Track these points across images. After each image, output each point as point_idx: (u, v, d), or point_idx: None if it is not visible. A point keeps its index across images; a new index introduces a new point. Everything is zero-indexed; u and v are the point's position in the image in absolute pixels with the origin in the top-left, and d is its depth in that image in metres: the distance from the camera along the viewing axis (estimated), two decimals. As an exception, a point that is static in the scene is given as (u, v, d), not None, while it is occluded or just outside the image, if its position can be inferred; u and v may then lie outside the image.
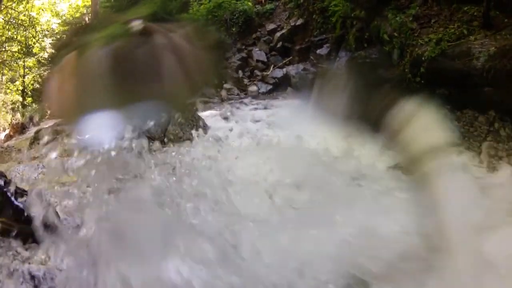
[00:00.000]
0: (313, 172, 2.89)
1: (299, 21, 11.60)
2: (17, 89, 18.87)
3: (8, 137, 11.84)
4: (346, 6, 7.69)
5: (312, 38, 10.58)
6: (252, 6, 13.48)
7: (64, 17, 20.02)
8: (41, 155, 3.72)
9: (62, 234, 1.93)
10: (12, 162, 3.74)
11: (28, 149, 4.28)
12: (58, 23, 19.32)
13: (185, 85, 2.35)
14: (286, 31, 11.93)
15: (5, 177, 1.99)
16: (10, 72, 18.31)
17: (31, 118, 14.13)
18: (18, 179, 2.83)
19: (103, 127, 2.74)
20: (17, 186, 2.01)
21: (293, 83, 9.61)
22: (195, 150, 3.32)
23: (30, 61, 18.13)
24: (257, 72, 11.18)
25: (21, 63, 18.16)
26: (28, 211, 1.86)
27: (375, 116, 3.49)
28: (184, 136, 3.96)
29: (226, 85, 10.23)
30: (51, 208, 1.97)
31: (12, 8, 16.43)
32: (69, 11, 20.84)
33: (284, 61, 11.21)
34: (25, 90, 18.61)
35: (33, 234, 1.83)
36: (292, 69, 10.24)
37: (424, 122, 2.93)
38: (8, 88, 18.62)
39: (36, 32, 17.65)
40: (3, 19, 16.34)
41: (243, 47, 12.40)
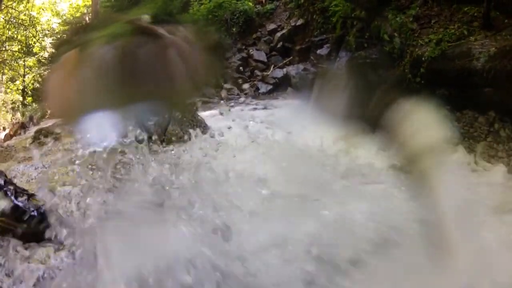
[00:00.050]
0: (307, 169, 2.94)
1: (300, 21, 11.61)
2: (17, 89, 18.90)
3: (8, 137, 11.83)
4: (347, 7, 7.70)
5: (313, 38, 10.58)
6: (253, 6, 13.48)
7: (65, 17, 20.05)
8: (41, 155, 3.73)
9: (62, 234, 1.93)
10: (12, 162, 3.74)
11: (31, 149, 4.29)
12: (59, 23, 19.35)
13: (186, 85, 2.35)
14: (287, 31, 11.93)
15: (5, 177, 2.00)
16: (11, 72, 18.33)
17: (31, 118, 14.14)
18: (18, 179, 2.83)
19: (103, 127, 2.74)
20: (17, 186, 2.01)
21: (293, 83, 9.62)
22: (195, 149, 3.41)
23: (31, 61, 18.15)
24: (257, 72, 11.19)
25: (22, 63, 18.18)
26: (28, 211, 1.86)
27: (375, 116, 3.49)
28: (184, 136, 3.97)
29: (226, 85, 10.24)
30: (52, 208, 1.98)
31: (13, 8, 16.45)
32: (70, 11, 20.88)
33: (284, 61, 11.22)
34: (25, 90, 18.64)
35: (33, 234, 1.83)
36: (292, 69, 10.25)
37: (424, 122, 2.93)
38: (9, 88, 18.65)
39: (37, 32, 17.67)
40: (4, 19, 16.36)
41: (243, 47, 12.40)
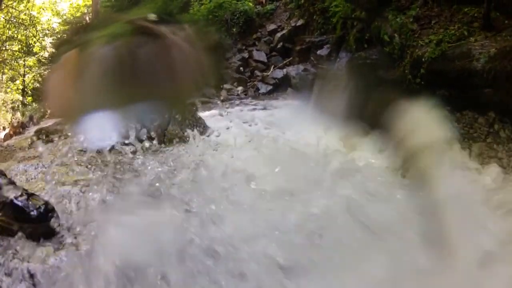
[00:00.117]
0: (301, 167, 2.95)
1: (300, 22, 11.62)
2: (18, 88, 18.91)
3: (8, 136, 11.84)
4: (347, 7, 7.71)
5: (313, 39, 10.59)
6: (253, 7, 13.49)
7: (65, 17, 20.07)
8: (41, 155, 3.73)
9: (62, 233, 1.94)
10: (12, 161, 3.74)
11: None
12: (59, 22, 19.36)
13: (186, 85, 2.36)
14: (287, 32, 11.93)
15: (5, 176, 2.00)
16: (11, 71, 18.34)
17: (31, 117, 14.16)
18: (18, 178, 2.83)
19: (104, 127, 2.74)
20: (17, 185, 2.01)
21: (293, 84, 9.61)
22: (194, 149, 3.45)
23: (31, 60, 18.16)
24: (258, 73, 11.19)
25: (22, 62, 18.19)
26: (28, 210, 1.86)
27: (375, 117, 3.50)
28: (184, 136, 3.96)
29: (226, 86, 10.24)
30: (51, 207, 1.98)
31: (13, 7, 16.45)
32: (70, 11, 20.89)
33: (285, 62, 11.22)
34: (26, 89, 18.65)
35: (33, 233, 1.83)
36: (292, 70, 10.24)
37: (424, 123, 2.94)
38: (9, 87, 18.66)
39: (37, 31, 17.67)
40: (4, 18, 16.36)
41: (244, 48, 12.40)
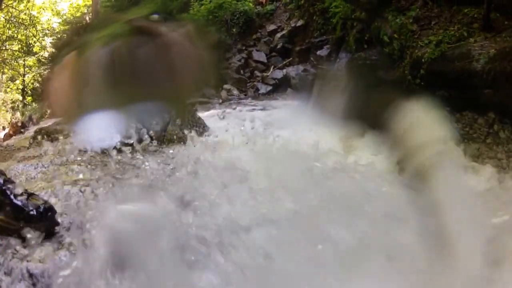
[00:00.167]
0: (299, 166, 2.96)
1: (300, 22, 11.62)
2: (17, 88, 18.89)
3: (8, 136, 11.84)
4: (347, 8, 7.71)
5: (313, 39, 10.60)
6: (253, 7, 13.49)
7: (65, 16, 20.05)
8: (41, 154, 3.73)
9: (61, 233, 1.94)
10: (12, 161, 3.74)
11: (29, 148, 4.30)
12: (59, 22, 19.34)
13: (185, 86, 2.36)
14: (287, 32, 11.94)
15: (5, 176, 1.99)
16: (11, 71, 18.32)
17: (31, 117, 14.15)
18: (18, 178, 2.83)
19: (103, 127, 2.75)
20: (17, 185, 2.01)
21: (293, 84, 9.62)
22: (193, 149, 3.46)
23: (31, 60, 18.13)
24: (257, 73, 11.18)
25: (22, 62, 18.16)
26: (28, 210, 1.86)
27: (374, 117, 3.50)
28: (183, 136, 3.96)
29: (226, 86, 10.23)
30: (51, 207, 1.98)
31: (13, 7, 16.44)
32: (70, 10, 20.87)
33: (284, 62, 11.22)
34: (25, 89, 18.62)
35: (32, 233, 1.83)
36: (292, 70, 10.25)
37: (423, 124, 2.94)
38: (8, 87, 18.64)
39: (37, 31, 17.65)
40: (4, 18, 16.35)
41: (243, 48, 12.40)
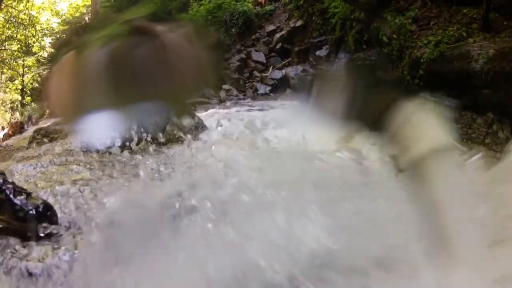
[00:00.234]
0: (294, 165, 2.96)
1: (299, 23, 11.63)
2: (16, 88, 18.88)
3: (7, 136, 11.83)
4: (346, 8, 7.72)
5: (312, 40, 10.61)
6: (252, 7, 13.50)
7: (64, 17, 20.06)
8: (40, 154, 3.73)
9: (60, 232, 1.94)
10: (11, 161, 3.74)
11: (28, 148, 4.30)
12: (58, 22, 19.37)
13: (185, 86, 2.36)
14: (286, 33, 11.94)
15: (4, 176, 2.00)
16: (10, 71, 18.31)
17: (30, 117, 14.14)
18: (17, 178, 2.83)
19: (102, 127, 2.75)
20: (16, 185, 2.01)
21: (292, 84, 9.63)
22: (191, 149, 3.47)
23: (30, 60, 18.13)
24: (256, 73, 11.19)
25: (21, 62, 18.17)
26: (27, 209, 1.87)
27: (373, 118, 3.50)
28: (182, 136, 3.97)
29: (225, 86, 10.24)
30: (50, 206, 1.98)
31: (12, 7, 16.44)
32: (69, 11, 20.88)
33: (283, 63, 11.23)
34: (24, 89, 18.62)
35: (32, 232, 1.83)
36: (291, 71, 10.26)
37: (422, 124, 2.94)
38: (7, 87, 18.63)
39: (36, 31, 17.66)
40: (3, 18, 16.35)
41: (243, 48, 12.41)
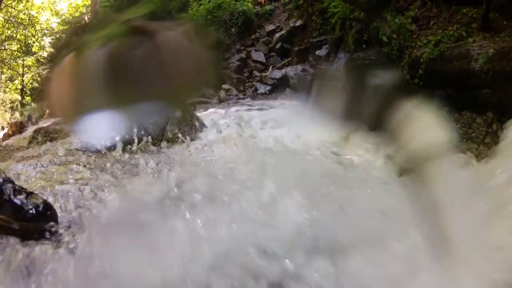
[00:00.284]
0: (292, 164, 2.96)
1: (298, 22, 11.63)
2: (16, 88, 18.87)
3: (7, 136, 11.83)
4: (346, 8, 7.72)
5: (311, 39, 10.60)
6: (252, 7, 13.50)
7: (64, 16, 20.05)
8: (40, 154, 3.73)
9: (60, 232, 1.94)
10: (11, 161, 3.74)
11: (28, 148, 4.30)
12: (58, 22, 19.35)
13: (184, 86, 2.36)
14: (285, 32, 11.94)
15: (4, 175, 2.00)
16: (9, 71, 18.30)
17: (30, 117, 14.12)
18: (17, 178, 2.83)
19: (102, 127, 2.75)
20: (16, 184, 2.02)
21: (292, 84, 9.62)
22: (191, 149, 3.47)
23: (29, 60, 18.13)
24: (256, 73, 11.19)
25: (20, 62, 18.16)
26: (27, 208, 1.87)
27: (373, 117, 3.51)
28: (182, 136, 3.98)
29: (225, 86, 10.24)
30: (50, 206, 1.98)
31: (12, 7, 16.43)
32: (69, 10, 20.86)
33: (283, 62, 11.22)
34: (24, 89, 18.62)
35: (32, 231, 1.84)
36: (291, 70, 10.25)
37: (422, 123, 2.94)
38: (7, 87, 18.62)
39: (36, 31, 17.65)
40: (3, 18, 16.34)
41: (242, 48, 12.41)
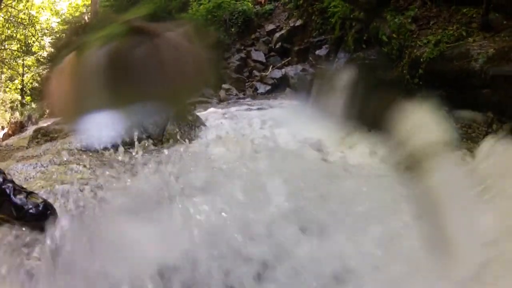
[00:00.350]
0: (291, 164, 2.96)
1: (298, 22, 11.63)
2: (16, 88, 18.89)
3: (7, 136, 11.84)
4: (346, 7, 7.71)
5: (311, 39, 10.60)
6: (252, 7, 13.51)
7: (64, 16, 20.07)
8: (40, 154, 3.74)
9: (60, 231, 1.94)
10: (11, 161, 3.75)
11: (28, 148, 4.31)
12: (58, 22, 19.37)
13: (184, 85, 2.36)
14: (285, 32, 11.94)
15: (4, 175, 2.00)
16: (9, 71, 18.31)
17: (30, 117, 14.12)
18: (17, 177, 2.83)
19: (102, 127, 2.75)
20: (16, 184, 2.02)
21: (292, 84, 9.63)
22: (190, 148, 3.47)
23: (29, 60, 18.14)
24: (256, 73, 11.19)
25: (20, 62, 18.18)
26: (27, 208, 1.87)
27: (373, 117, 3.51)
28: (182, 136, 3.99)
29: (225, 86, 10.25)
30: (50, 205, 1.98)
31: (12, 7, 16.43)
32: (69, 10, 20.89)
33: (283, 62, 11.23)
34: (24, 89, 18.64)
35: (32, 231, 1.84)
36: (291, 70, 10.26)
37: (422, 123, 2.94)
38: (7, 87, 18.63)
39: (36, 31, 17.66)
40: (3, 17, 16.35)
41: (242, 48, 12.41)
